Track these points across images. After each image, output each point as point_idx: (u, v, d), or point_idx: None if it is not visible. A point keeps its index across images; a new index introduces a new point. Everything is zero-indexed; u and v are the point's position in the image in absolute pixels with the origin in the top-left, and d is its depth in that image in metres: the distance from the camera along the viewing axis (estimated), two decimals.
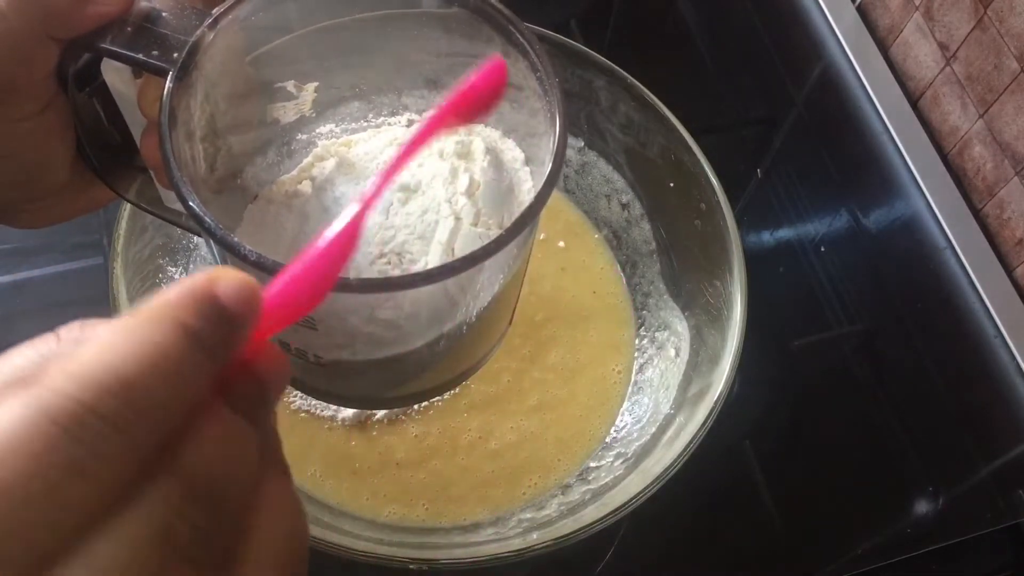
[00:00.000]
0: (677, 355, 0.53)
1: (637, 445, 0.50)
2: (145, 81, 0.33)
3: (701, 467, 0.46)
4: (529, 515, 0.50)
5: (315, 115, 0.40)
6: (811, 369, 0.64)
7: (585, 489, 0.50)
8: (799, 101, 0.76)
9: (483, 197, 0.35)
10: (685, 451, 0.45)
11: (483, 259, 0.29)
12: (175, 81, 0.30)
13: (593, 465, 0.52)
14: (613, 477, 0.49)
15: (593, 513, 0.45)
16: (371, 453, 0.51)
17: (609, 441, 0.53)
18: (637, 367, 0.56)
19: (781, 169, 0.72)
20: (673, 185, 0.54)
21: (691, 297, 0.54)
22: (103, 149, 0.35)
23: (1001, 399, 0.64)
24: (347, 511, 0.50)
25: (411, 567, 0.43)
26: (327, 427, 0.52)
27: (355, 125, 0.42)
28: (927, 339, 0.65)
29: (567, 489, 0.51)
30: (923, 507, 0.59)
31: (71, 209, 0.37)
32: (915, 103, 0.74)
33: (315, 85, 0.38)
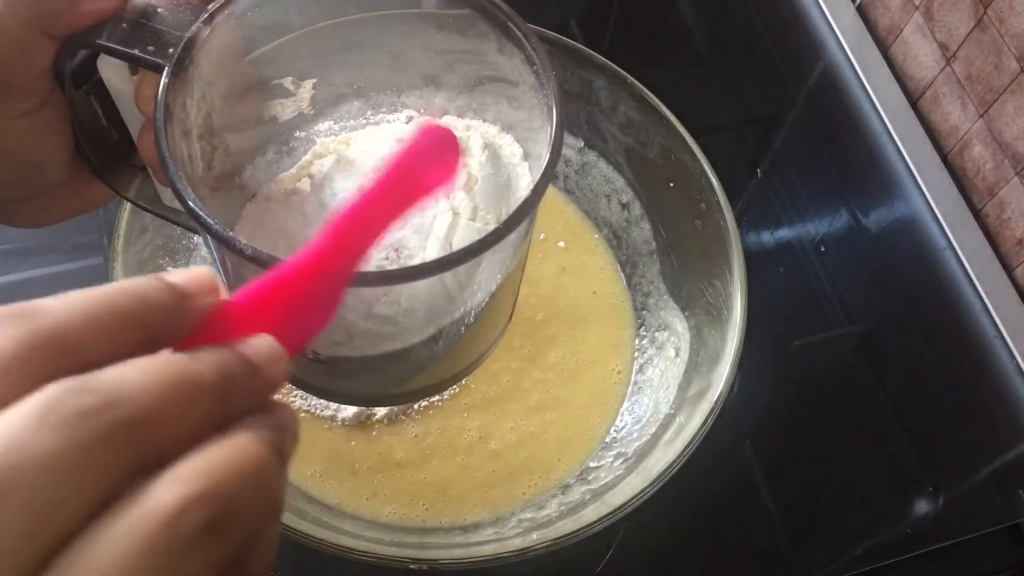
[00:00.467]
0: (677, 355, 0.53)
1: (637, 445, 0.50)
2: (142, 77, 0.33)
3: (701, 467, 0.46)
4: (529, 515, 0.50)
5: (313, 113, 0.40)
6: (811, 369, 0.64)
7: (585, 489, 0.50)
8: (799, 101, 0.76)
9: (480, 192, 0.35)
10: (685, 451, 0.45)
11: (480, 252, 0.29)
12: (170, 76, 0.30)
13: (593, 465, 0.52)
14: (613, 477, 0.49)
15: (593, 513, 0.45)
16: (371, 453, 0.51)
17: (609, 441, 0.53)
18: (637, 367, 0.56)
19: (781, 169, 0.72)
20: (673, 185, 0.54)
21: (691, 297, 0.54)
22: (101, 147, 0.35)
23: (1001, 399, 0.64)
24: (347, 511, 0.50)
25: (411, 567, 0.43)
26: (327, 427, 0.52)
27: (354, 123, 0.42)
28: (927, 339, 0.65)
29: (567, 489, 0.51)
30: (923, 507, 0.59)
31: (69, 208, 0.37)
32: (915, 103, 0.74)
33: (313, 82, 0.38)
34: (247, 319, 0.22)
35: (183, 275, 0.22)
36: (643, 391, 0.54)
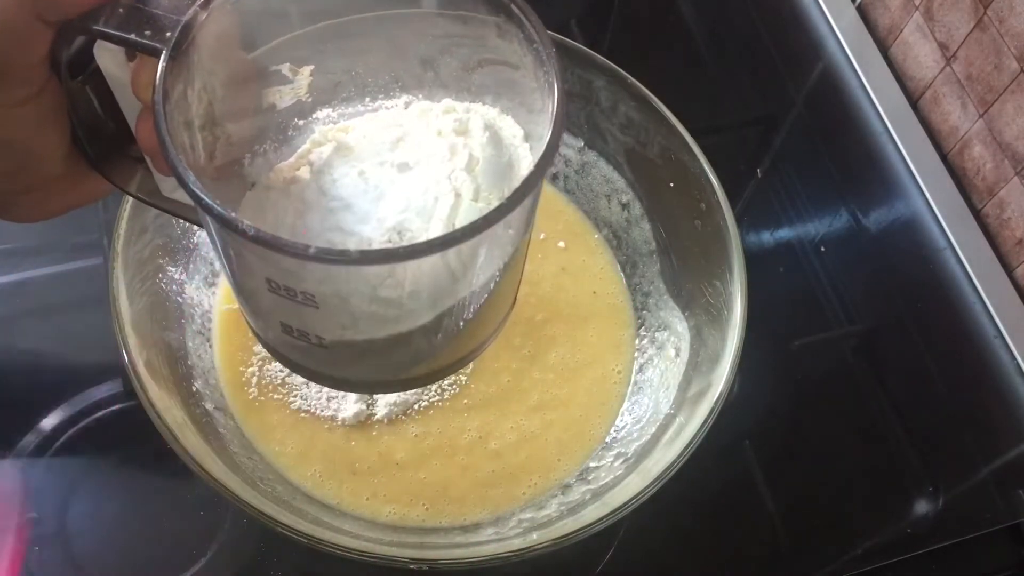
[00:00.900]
0: (677, 355, 0.53)
1: (637, 445, 0.50)
2: (139, 63, 0.32)
3: (701, 467, 0.46)
4: (529, 515, 0.50)
5: (311, 100, 0.39)
6: (811, 369, 0.64)
7: (585, 489, 0.50)
8: (799, 101, 0.76)
9: (483, 173, 0.35)
10: (685, 451, 0.45)
11: (484, 228, 0.29)
12: (168, 60, 0.30)
13: (593, 465, 0.52)
14: (613, 477, 0.49)
15: (593, 513, 0.45)
16: (371, 453, 0.51)
17: (609, 441, 0.53)
18: (637, 367, 0.56)
19: (781, 169, 0.72)
20: (673, 185, 0.54)
21: (691, 297, 0.54)
22: (98, 138, 0.35)
23: (1001, 399, 0.64)
24: (347, 511, 0.50)
25: (411, 567, 0.43)
26: (327, 427, 0.52)
27: (352, 109, 0.42)
28: (927, 339, 0.65)
29: (567, 489, 0.51)
30: (923, 507, 0.59)
31: (67, 201, 0.37)
32: (915, 103, 0.74)
33: (311, 69, 0.38)
34: None
35: None
36: (643, 391, 0.54)
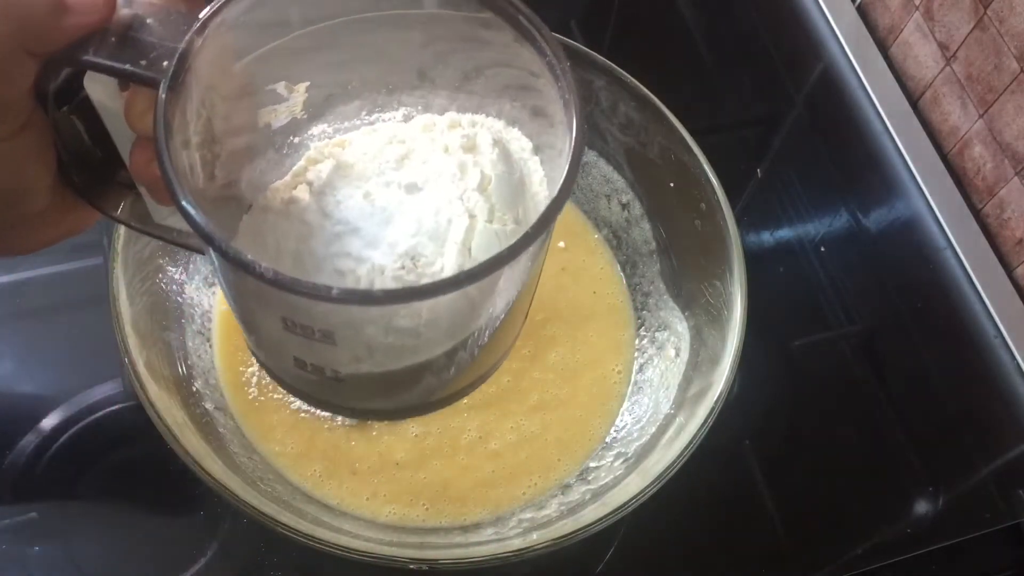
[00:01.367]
0: (677, 355, 0.53)
1: (637, 445, 0.50)
2: (132, 93, 0.31)
3: (701, 467, 0.46)
4: (529, 515, 0.50)
5: (307, 117, 0.38)
6: (811, 369, 0.64)
7: (585, 489, 0.50)
8: (799, 101, 0.76)
9: (496, 192, 0.34)
10: (685, 451, 0.45)
11: (509, 260, 0.28)
12: (167, 91, 0.29)
13: (593, 465, 0.52)
14: (613, 477, 0.49)
15: (593, 513, 0.45)
16: (371, 453, 0.51)
17: (609, 441, 0.53)
18: (637, 367, 0.56)
19: (781, 169, 0.72)
20: (673, 185, 0.54)
21: (691, 297, 0.54)
22: (86, 168, 0.34)
23: (1001, 399, 0.64)
24: (347, 511, 0.50)
25: (411, 567, 0.43)
26: (327, 427, 0.52)
27: (347, 124, 0.41)
28: (927, 339, 0.65)
29: (567, 489, 0.51)
30: (923, 507, 0.59)
31: (56, 233, 0.36)
32: (915, 103, 0.74)
33: (306, 85, 0.37)
34: None
35: None
36: (643, 391, 0.54)
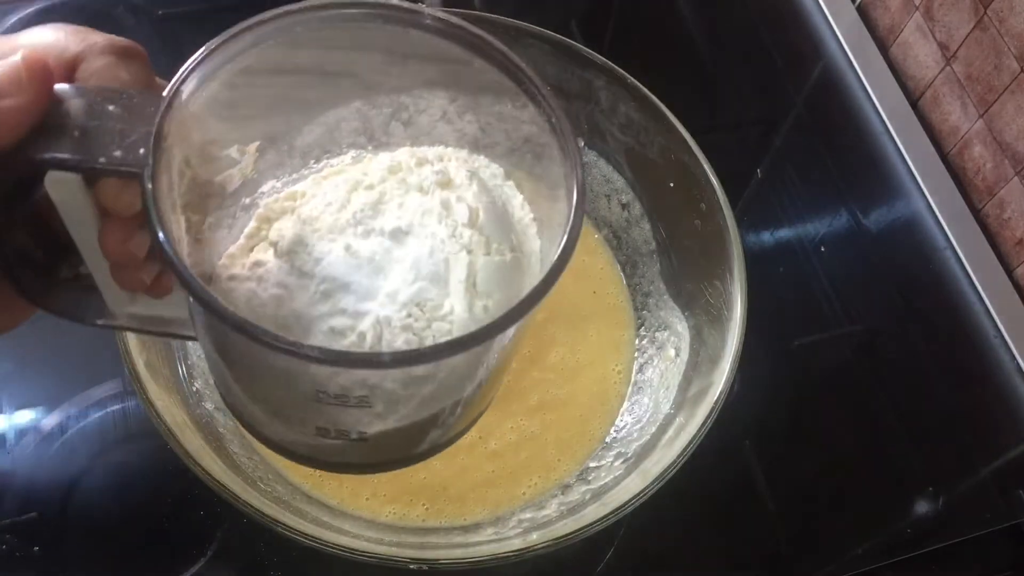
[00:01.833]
0: (677, 355, 0.53)
1: (637, 445, 0.50)
2: (105, 183, 0.29)
3: (701, 467, 0.46)
4: (529, 515, 0.50)
5: (256, 176, 0.36)
6: (811, 369, 0.64)
7: (585, 489, 0.50)
8: (799, 101, 0.76)
9: (486, 224, 0.33)
10: (685, 451, 0.45)
11: (534, 303, 0.29)
12: (152, 181, 0.26)
13: (593, 465, 0.52)
14: (613, 477, 0.49)
15: (593, 513, 0.45)
16: None
17: (609, 441, 0.53)
18: (637, 367, 0.56)
19: (781, 169, 0.72)
20: (673, 185, 0.54)
21: (691, 297, 0.54)
22: (29, 266, 0.32)
23: (1001, 399, 0.64)
24: (347, 511, 0.50)
25: (411, 567, 0.43)
26: None
27: (296, 175, 0.38)
28: (927, 339, 0.65)
29: (567, 489, 0.51)
30: (923, 507, 0.59)
31: None
32: (915, 103, 0.74)
33: (257, 145, 0.35)
34: None
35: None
36: (643, 391, 0.54)
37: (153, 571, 0.52)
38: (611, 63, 0.54)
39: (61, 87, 0.28)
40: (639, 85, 0.54)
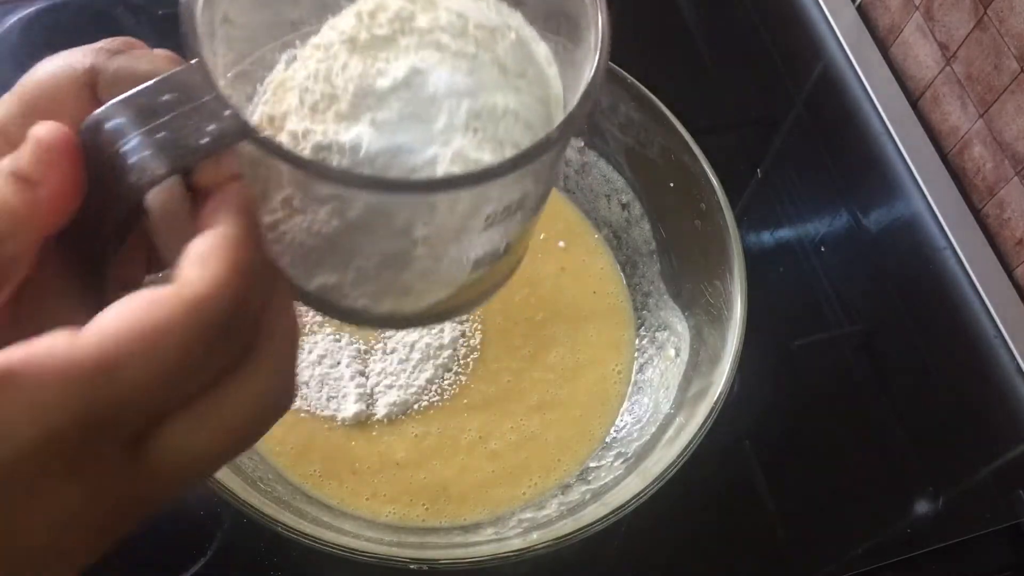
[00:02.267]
0: (677, 355, 0.53)
1: (637, 445, 0.50)
2: (205, 168, 0.26)
3: (701, 467, 0.46)
4: (529, 515, 0.50)
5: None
6: (811, 369, 0.64)
7: (585, 489, 0.50)
8: (799, 101, 0.76)
9: (481, 21, 0.32)
10: (685, 451, 0.45)
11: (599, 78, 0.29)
12: (256, 136, 0.25)
13: (593, 465, 0.52)
14: (613, 477, 0.49)
15: (593, 513, 0.45)
16: (371, 453, 0.51)
17: (609, 441, 0.53)
18: (637, 367, 0.56)
19: (781, 169, 0.72)
20: (673, 185, 0.54)
21: (691, 297, 0.54)
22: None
23: (1001, 399, 0.64)
24: (347, 511, 0.50)
25: (411, 567, 0.43)
26: (327, 427, 0.52)
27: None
28: (927, 339, 0.65)
29: (567, 489, 0.51)
30: (923, 507, 0.59)
31: None
32: (915, 103, 0.74)
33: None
34: None
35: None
36: (643, 391, 0.54)
37: (153, 571, 0.52)
38: (611, 63, 0.54)
39: (107, 110, 0.25)
40: (639, 85, 0.54)
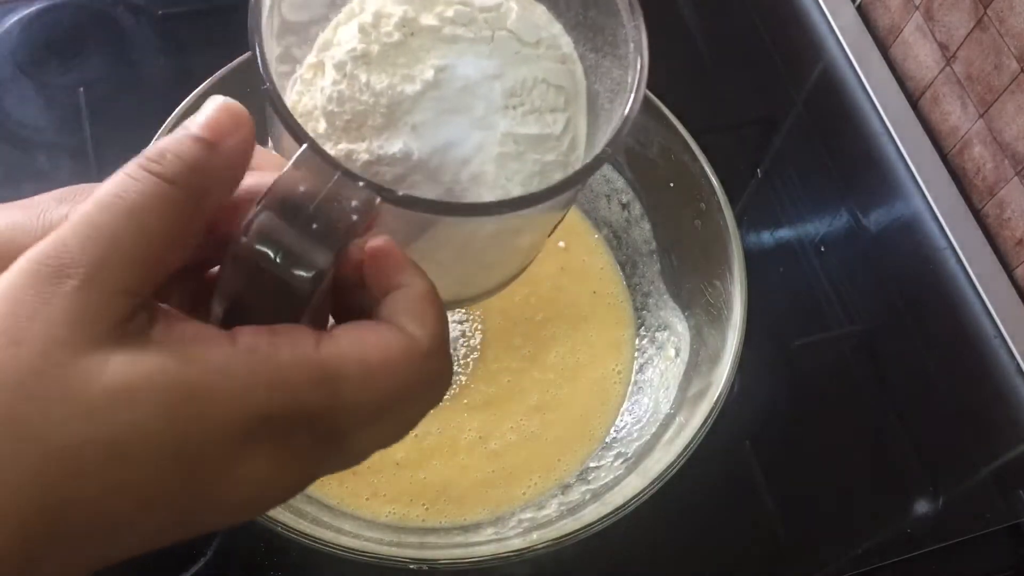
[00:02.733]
0: (677, 355, 0.54)
1: (637, 445, 0.50)
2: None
3: (701, 467, 0.46)
4: (529, 515, 0.50)
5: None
6: (811, 369, 0.64)
7: (585, 489, 0.50)
8: (799, 101, 0.76)
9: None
10: (685, 451, 0.45)
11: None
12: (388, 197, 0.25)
13: (593, 465, 0.52)
14: (613, 477, 0.49)
15: (593, 513, 0.45)
16: None
17: (609, 441, 0.53)
18: (637, 367, 0.56)
19: (781, 169, 0.72)
20: (673, 185, 0.54)
21: (691, 297, 0.54)
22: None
23: (1001, 399, 0.64)
24: (347, 511, 0.50)
25: (411, 567, 0.43)
26: None
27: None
28: (927, 339, 0.65)
29: (567, 489, 0.51)
30: (923, 507, 0.59)
31: None
32: (915, 103, 0.74)
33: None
34: None
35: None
36: (643, 391, 0.54)
37: (153, 571, 0.52)
38: None
39: (257, 214, 0.24)
40: None
